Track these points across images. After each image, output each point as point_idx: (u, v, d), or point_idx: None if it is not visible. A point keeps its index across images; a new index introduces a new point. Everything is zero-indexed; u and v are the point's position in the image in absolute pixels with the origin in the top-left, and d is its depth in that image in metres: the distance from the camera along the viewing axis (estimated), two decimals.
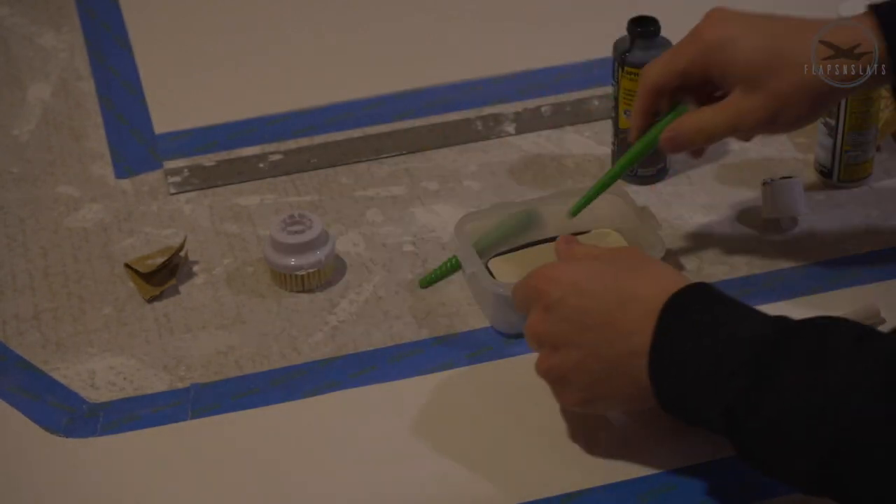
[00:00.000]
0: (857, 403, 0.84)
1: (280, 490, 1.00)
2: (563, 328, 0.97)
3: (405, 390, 1.08)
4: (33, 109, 1.41)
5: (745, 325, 0.90)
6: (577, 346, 0.96)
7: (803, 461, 0.86)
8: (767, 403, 0.87)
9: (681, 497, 0.98)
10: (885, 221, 1.22)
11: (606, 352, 0.95)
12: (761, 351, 0.88)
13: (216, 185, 1.30)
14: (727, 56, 1.05)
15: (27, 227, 1.26)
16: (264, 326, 1.14)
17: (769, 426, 0.87)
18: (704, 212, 1.24)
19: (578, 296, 0.96)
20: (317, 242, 1.16)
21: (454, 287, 1.17)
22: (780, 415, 0.86)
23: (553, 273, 0.98)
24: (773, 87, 1.04)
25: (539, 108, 1.36)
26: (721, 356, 0.89)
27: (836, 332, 0.88)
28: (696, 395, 0.91)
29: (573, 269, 0.98)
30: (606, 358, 0.95)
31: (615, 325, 0.94)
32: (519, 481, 1.00)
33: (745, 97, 1.05)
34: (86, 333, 1.15)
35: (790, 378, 0.86)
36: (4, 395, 1.09)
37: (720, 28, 1.06)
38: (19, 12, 1.56)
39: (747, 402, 0.88)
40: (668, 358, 0.92)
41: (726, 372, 0.89)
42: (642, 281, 0.95)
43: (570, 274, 0.97)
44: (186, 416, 1.07)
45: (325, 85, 1.42)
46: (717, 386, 0.89)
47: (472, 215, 1.17)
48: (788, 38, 1.05)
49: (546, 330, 0.98)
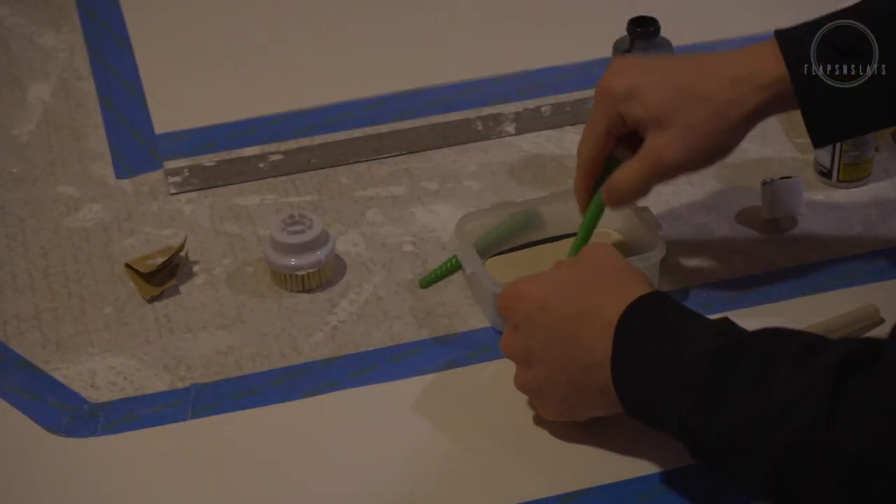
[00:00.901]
0: (799, 419, 0.86)
1: (280, 490, 1.00)
2: (531, 344, 1.00)
3: (405, 390, 1.08)
4: (33, 109, 1.41)
5: (695, 339, 0.93)
6: (545, 361, 1.00)
7: (753, 472, 0.89)
8: (715, 418, 0.90)
9: (681, 497, 0.98)
10: (884, 221, 1.22)
11: (572, 365, 0.98)
12: (709, 365, 0.91)
13: (216, 185, 1.30)
14: (635, 103, 1.06)
15: (27, 227, 1.26)
16: (264, 326, 1.14)
17: (719, 439, 0.90)
18: (704, 212, 1.24)
19: (542, 312, 0.99)
20: (317, 242, 1.16)
21: (454, 287, 1.17)
22: (727, 429, 0.89)
23: (519, 290, 1.01)
24: (681, 122, 1.05)
25: (539, 108, 1.36)
26: (672, 371, 0.93)
27: (781, 346, 0.90)
28: (654, 406, 0.94)
29: (538, 285, 1.01)
30: (573, 371, 0.98)
31: (578, 339, 0.98)
32: (519, 481, 1.00)
33: (658, 137, 1.06)
34: (86, 333, 1.15)
35: (735, 394, 0.89)
36: (5, 395, 1.09)
37: (623, 78, 1.07)
38: (19, 12, 1.56)
39: (697, 416, 0.91)
40: (626, 370, 0.95)
41: (677, 386, 0.92)
42: (601, 294, 0.98)
43: (535, 290, 1.00)
44: (186, 416, 1.07)
45: (325, 85, 1.42)
46: (671, 400, 0.92)
47: (472, 215, 1.17)
48: (689, 75, 1.06)
49: (516, 346, 1.01)
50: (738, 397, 0.89)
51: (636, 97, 1.06)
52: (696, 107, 1.05)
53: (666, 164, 1.06)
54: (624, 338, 0.95)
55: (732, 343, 0.92)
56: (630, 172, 1.08)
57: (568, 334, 0.98)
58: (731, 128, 1.05)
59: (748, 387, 0.89)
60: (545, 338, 0.99)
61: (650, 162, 1.06)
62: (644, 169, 1.07)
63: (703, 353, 0.92)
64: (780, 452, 0.87)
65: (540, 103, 1.36)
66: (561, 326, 0.98)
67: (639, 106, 1.06)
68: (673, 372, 0.92)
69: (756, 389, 0.88)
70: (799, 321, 1.09)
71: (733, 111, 1.05)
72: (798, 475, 0.86)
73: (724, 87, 1.05)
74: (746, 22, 1.46)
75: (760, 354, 0.90)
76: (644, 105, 1.06)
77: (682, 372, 0.92)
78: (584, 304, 0.98)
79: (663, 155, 1.06)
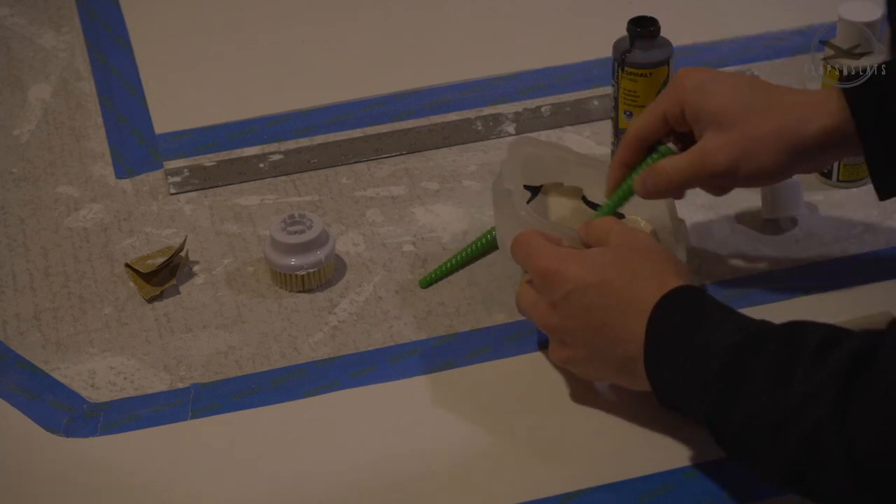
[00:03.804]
0: (813, 415, 0.88)
1: (280, 490, 1.00)
2: (569, 325, 1.01)
3: (405, 390, 1.08)
4: (34, 110, 1.41)
5: (721, 333, 0.94)
6: (582, 345, 1.01)
7: (772, 465, 0.91)
8: (736, 412, 0.92)
9: (681, 497, 0.98)
10: (884, 221, 1.22)
11: (608, 353, 1.00)
12: (731, 360, 0.93)
13: (216, 185, 1.30)
14: (702, 98, 1.06)
15: (27, 227, 1.26)
16: (264, 326, 1.14)
17: (740, 432, 0.92)
18: (704, 212, 1.24)
19: (581, 295, 1.00)
20: (317, 242, 1.17)
21: (454, 287, 1.17)
22: (747, 423, 0.91)
23: (561, 268, 1.01)
24: (741, 130, 1.05)
25: (539, 108, 1.36)
26: (699, 365, 0.94)
27: (800, 340, 0.91)
28: (684, 399, 0.96)
29: (579, 266, 1.01)
30: (609, 359, 1.01)
31: (615, 329, 0.99)
32: (519, 481, 1.00)
33: (713, 139, 1.06)
34: (86, 333, 1.15)
35: (755, 388, 0.91)
36: (4, 395, 1.09)
37: (698, 74, 1.08)
38: (19, 12, 1.56)
39: (720, 409, 0.93)
40: (658, 364, 0.97)
41: (703, 380, 0.94)
42: (638, 283, 0.99)
43: (575, 272, 1.01)
44: (186, 416, 1.07)
45: (325, 85, 1.42)
46: (697, 393, 0.94)
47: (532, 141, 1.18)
48: (762, 90, 1.07)
49: (554, 324, 1.02)
50: (757, 392, 0.91)
51: (706, 93, 1.06)
52: (761, 119, 1.05)
53: (713, 166, 1.06)
54: (657, 331, 0.97)
55: (754, 337, 0.93)
56: (674, 164, 1.07)
57: (605, 323, 0.99)
58: (790, 148, 1.05)
59: (768, 381, 0.90)
60: (583, 323, 1.00)
61: (699, 159, 1.06)
62: (690, 165, 1.06)
63: (726, 347, 0.93)
64: (796, 447, 0.88)
65: (540, 103, 1.36)
66: (599, 313, 0.99)
67: (705, 102, 1.05)
68: (700, 366, 0.94)
69: (775, 384, 0.90)
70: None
71: (796, 132, 1.04)
72: (814, 468, 0.88)
73: (795, 107, 1.05)
74: (746, 22, 1.46)
75: (780, 349, 0.91)
76: (711, 102, 1.05)
77: (707, 366, 0.93)
78: (622, 293, 0.99)
79: (714, 156, 1.05)
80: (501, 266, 1.19)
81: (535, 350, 1.10)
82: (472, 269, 1.19)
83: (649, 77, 1.22)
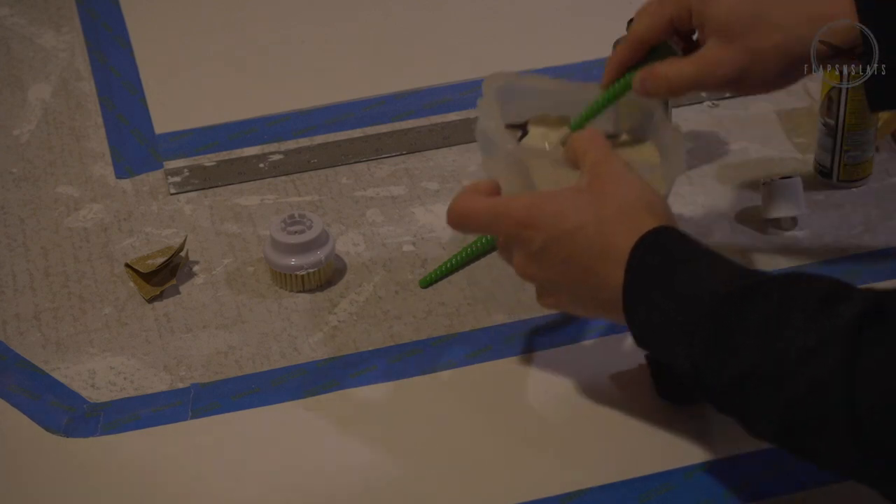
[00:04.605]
0: (814, 370, 0.85)
1: (280, 490, 1.00)
2: (550, 276, 1.00)
3: (405, 390, 1.08)
4: (34, 110, 1.41)
5: (708, 280, 0.92)
6: (566, 292, 1.00)
7: (764, 421, 0.89)
8: (727, 363, 0.89)
9: (681, 497, 0.98)
10: (884, 221, 1.22)
11: (593, 298, 0.99)
12: (721, 308, 0.90)
13: (216, 185, 1.30)
14: (711, 5, 1.04)
15: (27, 227, 1.26)
16: (264, 326, 1.14)
17: (730, 385, 0.90)
18: (704, 212, 1.24)
19: (557, 245, 0.98)
20: (317, 242, 1.17)
21: (454, 287, 1.17)
22: (739, 375, 0.89)
23: (532, 219, 0.99)
24: (748, 43, 1.03)
25: None
26: (684, 312, 0.92)
27: (801, 292, 0.89)
28: (665, 346, 0.94)
29: (551, 214, 0.99)
30: (594, 303, 0.99)
31: (595, 277, 0.97)
32: (519, 481, 1.00)
33: (718, 49, 1.04)
34: (86, 333, 1.15)
35: (749, 339, 0.88)
36: (4, 395, 1.09)
37: None
38: (19, 12, 1.56)
39: (707, 361, 0.90)
40: (637, 308, 0.95)
41: (688, 328, 0.92)
42: (615, 225, 0.97)
43: (547, 221, 0.99)
44: (186, 416, 1.07)
45: (325, 85, 1.42)
46: (681, 341, 0.92)
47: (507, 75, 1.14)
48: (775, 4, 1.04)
49: (533, 275, 1.01)
50: (751, 343, 0.88)
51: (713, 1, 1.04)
52: (766, 33, 1.03)
53: (715, 76, 1.04)
54: (635, 274, 0.95)
55: (748, 287, 0.90)
56: (677, 68, 1.06)
57: (584, 271, 0.98)
58: (793, 62, 1.03)
59: (765, 331, 0.88)
60: (562, 273, 0.99)
61: (701, 68, 1.05)
62: (692, 71, 1.05)
63: (715, 295, 0.91)
64: (793, 403, 0.86)
65: None
66: (576, 264, 0.98)
67: (713, 8, 1.04)
68: (685, 313, 0.92)
69: (771, 336, 0.87)
70: None
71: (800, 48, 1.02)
72: (810, 426, 0.86)
73: (800, 21, 1.03)
74: None
75: (778, 300, 0.88)
76: (718, 11, 1.04)
77: (693, 313, 0.91)
78: (596, 241, 0.97)
79: (717, 66, 1.04)
80: (501, 266, 1.19)
81: (535, 350, 1.10)
82: (472, 269, 1.19)
83: None
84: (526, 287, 1.16)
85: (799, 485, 0.99)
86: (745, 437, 0.99)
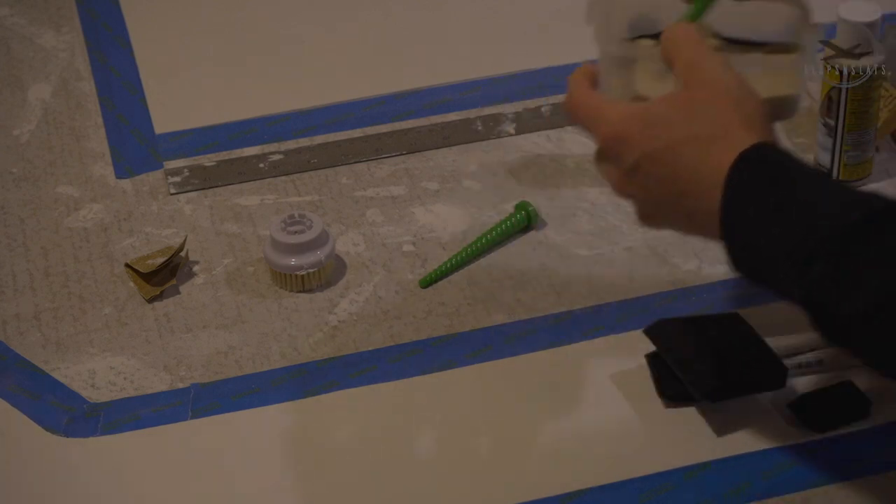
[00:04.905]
0: None
1: (280, 490, 1.00)
2: (646, 196, 0.95)
3: (405, 390, 1.08)
4: (34, 109, 1.41)
5: (824, 204, 0.86)
6: (664, 212, 0.95)
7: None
8: (850, 299, 0.83)
9: (681, 497, 0.98)
10: None
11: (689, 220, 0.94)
12: (843, 237, 0.84)
13: (216, 185, 1.30)
14: None
15: (27, 227, 1.26)
16: (264, 326, 1.14)
17: (855, 319, 0.84)
18: None
19: (651, 163, 0.93)
20: (317, 242, 1.17)
21: (454, 287, 1.17)
22: (865, 312, 0.83)
23: (625, 134, 0.94)
24: None
25: (539, 108, 1.36)
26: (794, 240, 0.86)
27: None
28: (771, 275, 0.89)
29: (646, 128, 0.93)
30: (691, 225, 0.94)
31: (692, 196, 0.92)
32: (519, 481, 1.00)
33: None
34: (86, 333, 1.15)
35: (878, 273, 0.82)
36: (4, 395, 1.09)
37: None
38: (19, 12, 1.56)
39: (828, 294, 0.84)
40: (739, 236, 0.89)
41: (800, 259, 0.85)
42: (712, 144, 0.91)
43: (639, 136, 0.93)
44: (186, 416, 1.07)
45: (325, 85, 1.42)
46: (793, 272, 0.86)
47: None
48: None
49: (629, 193, 0.96)
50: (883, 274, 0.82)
51: None
52: None
53: None
54: (734, 196, 0.89)
55: (874, 213, 0.84)
56: None
57: (680, 191, 0.92)
58: None
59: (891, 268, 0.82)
60: (659, 194, 0.94)
61: None
62: None
63: (836, 221, 0.85)
64: None
65: (540, 103, 1.36)
66: (672, 184, 0.92)
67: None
68: (797, 239, 0.85)
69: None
70: (799, 321, 1.09)
71: None
72: None
73: None
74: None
75: None
76: None
77: (809, 240, 0.85)
78: (694, 157, 0.91)
79: None
80: (501, 266, 1.19)
81: (535, 350, 1.10)
82: (472, 269, 1.19)
83: None
84: (526, 287, 1.16)
85: (799, 485, 0.99)
86: (745, 437, 0.99)
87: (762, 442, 1.01)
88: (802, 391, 1.04)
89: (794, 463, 1.00)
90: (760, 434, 1.02)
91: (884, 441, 1.01)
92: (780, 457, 1.00)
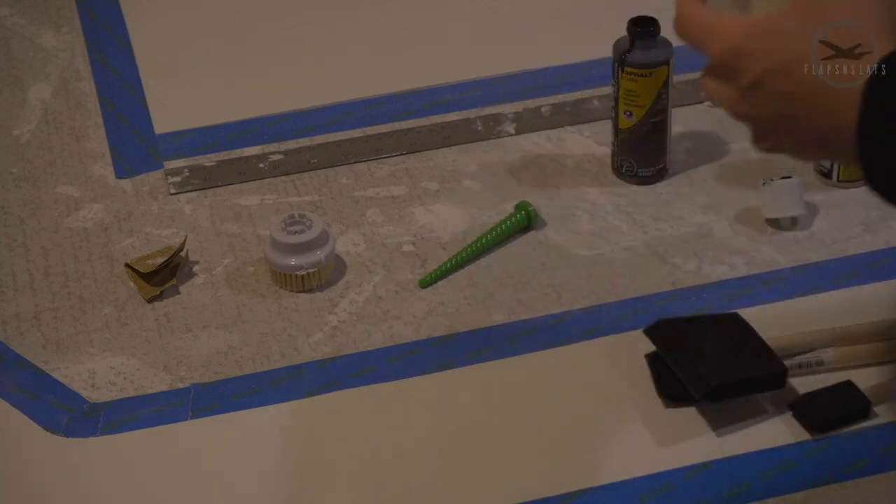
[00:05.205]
0: None
1: (280, 490, 1.01)
2: (767, 115, 0.88)
3: (405, 390, 1.08)
4: (34, 110, 1.41)
5: None
6: (787, 134, 0.88)
7: None
8: None
9: (681, 497, 0.98)
10: (884, 221, 1.22)
11: (819, 140, 0.87)
12: None
13: (216, 185, 1.30)
14: None
15: (27, 227, 1.26)
16: (264, 326, 1.14)
17: None
18: (704, 212, 1.24)
19: (773, 78, 0.86)
20: (317, 242, 1.17)
21: (454, 287, 1.17)
22: None
23: (743, 46, 0.87)
24: None
25: (539, 108, 1.36)
26: None
27: None
28: None
29: (763, 40, 0.86)
30: (821, 146, 0.88)
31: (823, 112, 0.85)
32: (519, 481, 1.00)
33: None
34: (86, 333, 1.15)
35: None
36: (5, 395, 1.09)
37: None
38: (19, 12, 1.56)
39: None
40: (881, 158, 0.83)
41: None
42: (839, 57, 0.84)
43: (761, 48, 0.86)
44: (186, 416, 1.07)
45: (325, 85, 1.42)
46: None
47: None
48: None
49: (746, 113, 0.89)
50: None
51: None
52: None
53: None
54: (875, 110, 0.82)
55: None
56: None
57: (808, 108, 0.85)
58: None
59: None
60: (781, 111, 0.86)
61: None
62: None
63: None
64: None
65: (540, 103, 1.36)
66: (798, 99, 0.85)
67: None
68: None
69: None
70: (799, 321, 1.09)
71: None
72: None
73: None
74: None
75: None
76: None
77: None
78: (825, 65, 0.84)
79: None
80: (501, 266, 1.19)
81: (535, 350, 1.10)
82: (472, 269, 1.19)
83: (649, 77, 1.22)
84: (526, 287, 1.16)
85: (799, 485, 0.99)
86: (745, 437, 0.99)
87: (762, 442, 1.01)
88: (802, 391, 1.05)
89: (794, 463, 1.00)
90: (760, 434, 1.02)
91: (884, 441, 1.01)
92: (780, 457, 1.00)
